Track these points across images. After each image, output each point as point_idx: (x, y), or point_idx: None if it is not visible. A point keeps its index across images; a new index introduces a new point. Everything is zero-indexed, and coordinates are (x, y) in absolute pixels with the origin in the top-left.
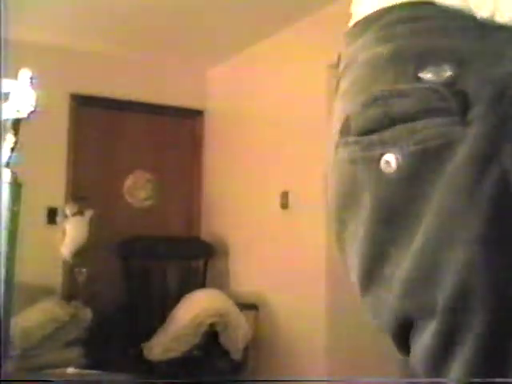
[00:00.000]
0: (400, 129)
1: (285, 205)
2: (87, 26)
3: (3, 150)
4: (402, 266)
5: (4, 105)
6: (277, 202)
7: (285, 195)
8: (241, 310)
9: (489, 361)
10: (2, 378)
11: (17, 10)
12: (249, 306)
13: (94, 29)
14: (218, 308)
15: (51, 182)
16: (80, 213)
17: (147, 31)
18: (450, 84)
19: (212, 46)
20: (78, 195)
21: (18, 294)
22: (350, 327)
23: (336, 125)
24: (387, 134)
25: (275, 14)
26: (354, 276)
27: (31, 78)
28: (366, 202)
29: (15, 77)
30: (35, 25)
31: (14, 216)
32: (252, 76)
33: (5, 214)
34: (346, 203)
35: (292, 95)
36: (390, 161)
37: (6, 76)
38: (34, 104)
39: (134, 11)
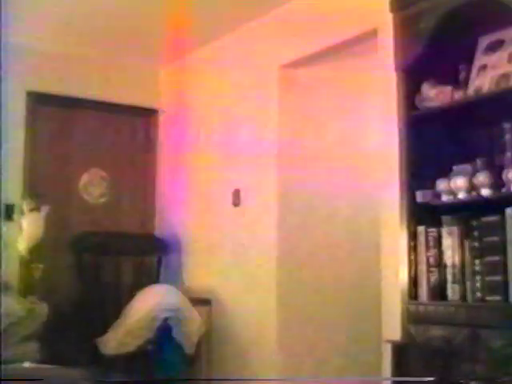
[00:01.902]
0: None
1: (237, 202)
2: (44, 25)
3: None
4: None
5: None
6: (229, 199)
7: (236, 193)
8: (194, 304)
9: None
10: None
11: None
12: (202, 301)
13: (51, 27)
14: (171, 303)
15: (8, 179)
16: (36, 209)
17: (103, 31)
18: None
19: (165, 44)
20: (35, 192)
21: None
22: (300, 321)
23: None
24: None
25: (228, 14)
26: None
27: None
28: None
29: None
30: None
31: None
32: (205, 75)
33: None
34: None
35: (244, 94)
36: None
37: None
38: None
39: (90, 11)
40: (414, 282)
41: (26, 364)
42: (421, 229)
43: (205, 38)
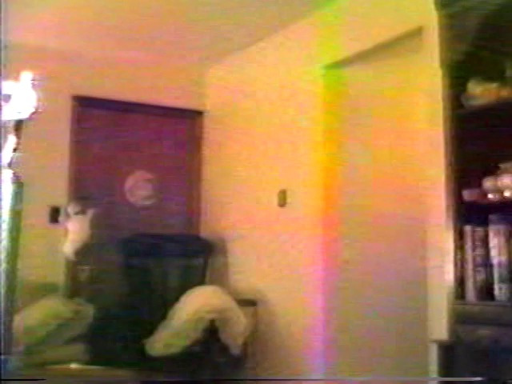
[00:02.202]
0: None
1: (282, 203)
2: (88, 29)
3: (6, 151)
4: None
5: (6, 106)
6: (275, 200)
7: (282, 193)
8: (240, 305)
9: None
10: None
11: (19, 12)
12: (248, 302)
13: (95, 31)
14: (217, 304)
15: (54, 182)
16: (82, 212)
17: (147, 33)
18: None
19: (210, 46)
20: (80, 194)
21: (21, 292)
22: (348, 322)
23: None
24: None
25: (273, 14)
26: None
27: (32, 80)
28: None
29: (17, 79)
30: (37, 28)
31: (16, 215)
32: (250, 76)
33: (7, 213)
34: None
35: (289, 95)
36: None
37: (8, 78)
38: (35, 105)
39: (133, 13)
40: (460, 281)
41: (73, 365)
42: (467, 228)
43: (250, 38)
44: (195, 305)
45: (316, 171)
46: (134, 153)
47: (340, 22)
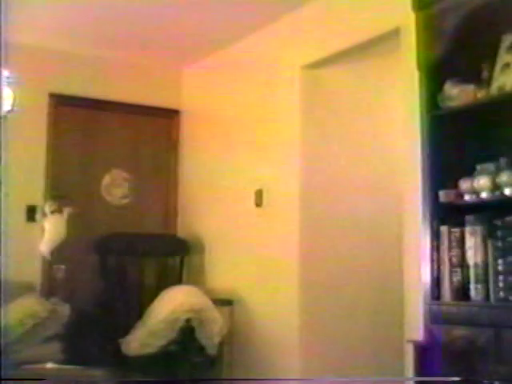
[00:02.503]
0: None
1: (259, 202)
2: (66, 27)
3: None
4: None
5: None
6: (251, 199)
7: (259, 193)
8: (216, 305)
9: None
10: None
11: None
12: (224, 302)
13: (73, 29)
14: (193, 304)
15: (30, 180)
16: (58, 210)
17: (124, 32)
18: None
19: (187, 46)
20: (57, 193)
21: None
22: (323, 322)
23: None
24: None
25: (250, 15)
26: None
27: (8, 78)
28: None
29: None
30: (15, 25)
31: None
32: (227, 76)
33: None
34: None
35: (266, 95)
36: None
37: None
38: (11, 103)
39: (111, 12)
40: (436, 281)
41: (49, 364)
42: (444, 228)
43: (226, 39)
44: (171, 304)
45: (293, 171)
46: (111, 151)
47: (317, 22)
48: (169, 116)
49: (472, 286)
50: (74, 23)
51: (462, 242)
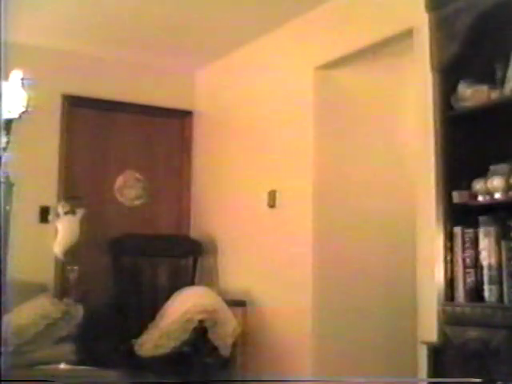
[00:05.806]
0: None
1: (272, 203)
2: (79, 28)
3: None
4: None
5: None
6: (264, 200)
7: (272, 194)
8: (229, 306)
9: None
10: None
11: (8, 11)
12: (237, 303)
13: (86, 31)
14: (206, 305)
15: (43, 182)
16: (72, 211)
17: (137, 33)
18: None
19: (200, 47)
20: (70, 194)
21: (10, 292)
22: (336, 323)
23: None
24: None
25: (263, 16)
26: None
27: (22, 79)
28: None
29: (6, 78)
30: (27, 27)
31: (6, 215)
32: (240, 77)
33: None
34: None
35: (279, 96)
36: None
37: None
38: (25, 104)
39: (124, 14)
40: (450, 283)
41: (62, 365)
42: (457, 229)
43: (239, 40)
44: (185, 305)
45: (306, 172)
46: (124, 153)
47: (330, 23)
48: (182, 117)
49: (486, 287)
50: (88, 25)
51: (475, 242)
